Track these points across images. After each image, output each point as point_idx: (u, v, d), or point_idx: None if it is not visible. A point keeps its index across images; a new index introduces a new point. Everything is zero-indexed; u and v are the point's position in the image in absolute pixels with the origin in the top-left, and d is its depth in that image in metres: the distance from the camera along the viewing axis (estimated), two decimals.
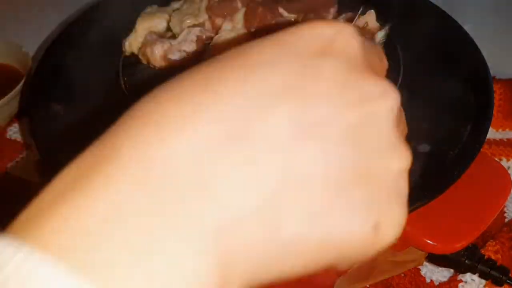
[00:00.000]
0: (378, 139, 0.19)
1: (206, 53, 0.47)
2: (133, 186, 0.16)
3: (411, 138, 0.45)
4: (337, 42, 0.19)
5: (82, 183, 0.16)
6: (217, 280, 0.16)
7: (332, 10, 0.51)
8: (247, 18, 0.48)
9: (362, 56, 0.20)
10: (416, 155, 0.47)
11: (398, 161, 0.20)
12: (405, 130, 0.23)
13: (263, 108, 0.17)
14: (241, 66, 0.18)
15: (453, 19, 0.54)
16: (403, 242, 0.42)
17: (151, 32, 0.50)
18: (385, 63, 0.22)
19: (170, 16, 0.52)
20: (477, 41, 0.51)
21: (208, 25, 0.51)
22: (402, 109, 0.22)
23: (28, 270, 0.14)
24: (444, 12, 0.55)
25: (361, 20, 0.50)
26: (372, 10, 0.49)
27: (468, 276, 0.47)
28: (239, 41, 0.48)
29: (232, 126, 0.17)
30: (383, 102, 0.19)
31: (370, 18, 0.49)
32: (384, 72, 0.22)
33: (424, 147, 0.44)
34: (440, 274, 0.49)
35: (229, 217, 0.16)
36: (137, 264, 0.15)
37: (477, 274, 0.46)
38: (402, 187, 0.20)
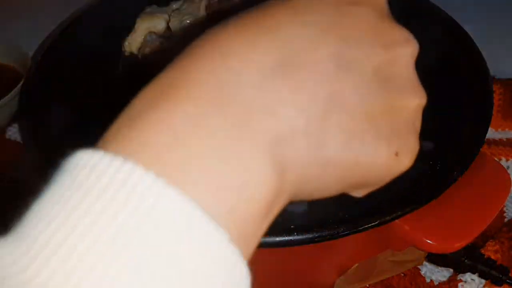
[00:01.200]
0: (401, 78, 0.22)
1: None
2: (209, 102, 0.18)
3: None
4: None
5: (161, 100, 0.18)
6: (275, 184, 0.19)
7: None
8: None
9: (387, 7, 0.23)
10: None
11: (416, 98, 0.23)
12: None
13: (310, 43, 0.20)
14: (288, 9, 0.21)
15: (453, 19, 0.54)
16: (403, 242, 0.42)
17: (150, 32, 0.50)
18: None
19: (169, 16, 0.52)
20: (477, 41, 0.51)
21: None
22: None
23: (123, 178, 0.16)
24: (444, 12, 0.55)
25: None
26: None
27: (468, 276, 0.47)
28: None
29: (286, 56, 0.20)
30: (407, 47, 0.23)
31: None
32: None
33: (424, 147, 0.43)
34: (440, 274, 0.49)
35: (285, 132, 0.19)
36: (218, 166, 0.18)
37: (477, 274, 0.46)
38: (417, 121, 0.24)
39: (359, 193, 0.24)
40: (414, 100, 0.23)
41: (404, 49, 0.23)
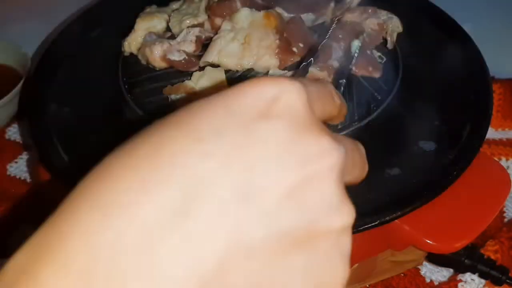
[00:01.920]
0: (319, 200, 0.19)
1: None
2: (79, 277, 0.16)
3: (412, 137, 0.45)
4: (280, 101, 0.19)
5: (29, 274, 0.16)
6: None
7: (331, 5, 0.51)
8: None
9: (307, 112, 0.20)
10: (416, 154, 0.47)
11: (340, 219, 0.19)
12: (363, 172, 0.24)
13: (206, 182, 0.17)
14: (185, 137, 0.18)
15: (453, 19, 0.54)
16: (403, 242, 0.42)
17: (150, 33, 0.50)
18: (337, 102, 0.23)
19: (169, 16, 0.52)
20: (476, 41, 0.52)
21: (207, 25, 0.50)
22: (360, 150, 0.23)
23: None
24: (444, 12, 0.55)
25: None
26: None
27: (467, 276, 0.47)
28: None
29: (176, 204, 0.17)
30: (326, 160, 0.19)
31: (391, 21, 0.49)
32: (340, 110, 0.24)
33: (424, 147, 0.44)
34: (439, 274, 0.49)
35: None
36: None
37: (476, 274, 0.46)
38: (345, 244, 0.20)
39: None
40: (337, 221, 0.19)
41: (322, 163, 0.19)
